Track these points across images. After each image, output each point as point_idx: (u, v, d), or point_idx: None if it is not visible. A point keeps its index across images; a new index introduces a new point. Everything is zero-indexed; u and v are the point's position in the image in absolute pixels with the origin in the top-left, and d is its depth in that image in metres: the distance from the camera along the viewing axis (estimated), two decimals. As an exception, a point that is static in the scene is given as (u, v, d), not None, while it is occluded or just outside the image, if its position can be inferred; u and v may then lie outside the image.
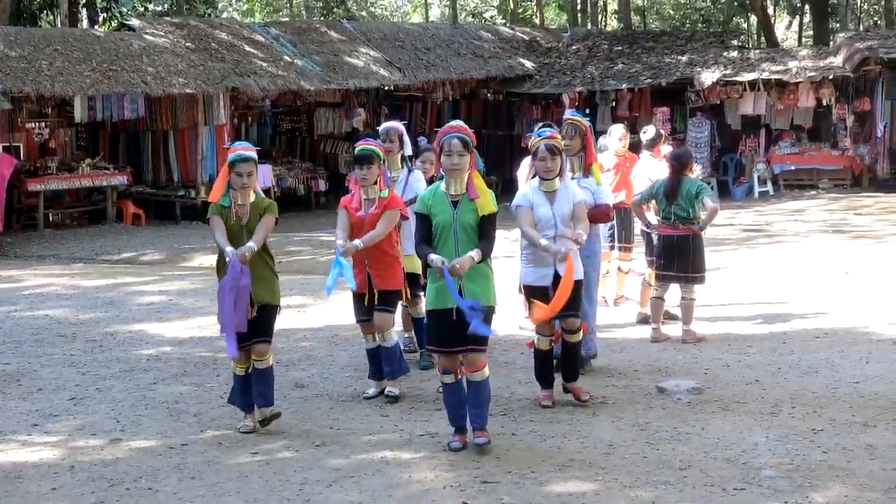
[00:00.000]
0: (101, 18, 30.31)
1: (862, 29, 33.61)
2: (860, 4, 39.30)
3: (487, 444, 6.10)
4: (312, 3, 37.50)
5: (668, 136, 13.21)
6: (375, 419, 6.88)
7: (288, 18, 35.07)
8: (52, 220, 19.79)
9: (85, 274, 14.34)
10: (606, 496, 5.35)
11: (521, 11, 38.52)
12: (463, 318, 5.95)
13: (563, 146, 6.93)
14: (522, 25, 32.54)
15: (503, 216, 6.42)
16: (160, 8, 33.85)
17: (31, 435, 6.66)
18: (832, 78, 22.71)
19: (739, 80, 23.16)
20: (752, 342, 8.94)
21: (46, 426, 6.86)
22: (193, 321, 10.36)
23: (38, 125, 20.31)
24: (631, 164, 10.22)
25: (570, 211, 6.81)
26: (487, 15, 42.99)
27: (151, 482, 5.72)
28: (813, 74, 22.79)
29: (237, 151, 6.58)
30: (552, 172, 6.77)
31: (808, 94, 22.88)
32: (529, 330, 7.08)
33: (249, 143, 6.98)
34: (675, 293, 9.22)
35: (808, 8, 34.56)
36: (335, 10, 37.23)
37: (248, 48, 22.14)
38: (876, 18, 38.96)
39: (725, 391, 7.36)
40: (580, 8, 34.65)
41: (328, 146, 24.38)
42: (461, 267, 5.94)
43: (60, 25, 25.87)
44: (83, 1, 29.68)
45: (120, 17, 28.65)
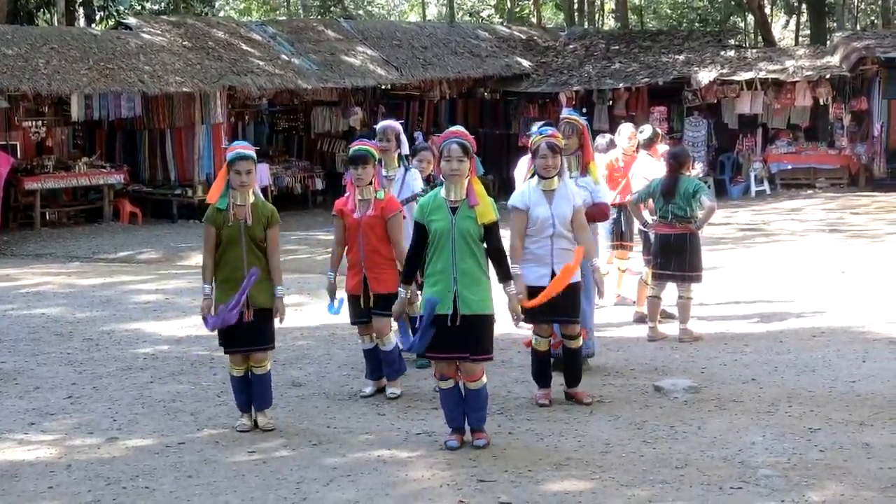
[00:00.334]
0: (97, 17, 30.31)
1: (859, 28, 33.67)
2: (857, 4, 39.32)
3: (486, 445, 6.10)
4: (309, 1, 37.47)
5: (665, 135, 13.24)
6: (372, 418, 6.88)
7: (285, 17, 35.03)
8: (48, 218, 19.77)
9: (81, 272, 14.33)
10: (603, 495, 5.36)
11: (518, 10, 38.51)
12: (456, 323, 6.00)
13: (563, 144, 6.92)
14: (519, 24, 32.53)
15: (502, 216, 6.41)
16: (157, 6, 33.81)
17: (27, 433, 6.65)
18: (829, 77, 22.73)
19: (736, 79, 23.17)
20: (748, 341, 8.94)
21: (43, 425, 6.85)
22: (190, 320, 10.34)
23: (34, 124, 20.28)
24: (627, 164, 10.26)
25: (569, 211, 6.79)
26: (484, 14, 42.98)
27: (148, 481, 5.71)
28: (810, 74, 22.80)
29: (236, 150, 6.56)
30: (552, 170, 6.76)
31: (804, 93, 22.90)
32: (527, 328, 7.07)
33: (247, 142, 6.97)
34: (672, 292, 9.22)
35: (805, 7, 34.57)
36: (332, 8, 37.21)
37: (245, 47, 22.12)
38: (873, 18, 39.00)
39: (722, 390, 7.36)
40: (577, 7, 34.63)
41: (325, 145, 24.37)
42: (515, 312, 6.20)
43: (57, 24, 25.85)
44: (80, -1, 29.69)
45: (117, 15, 28.62)
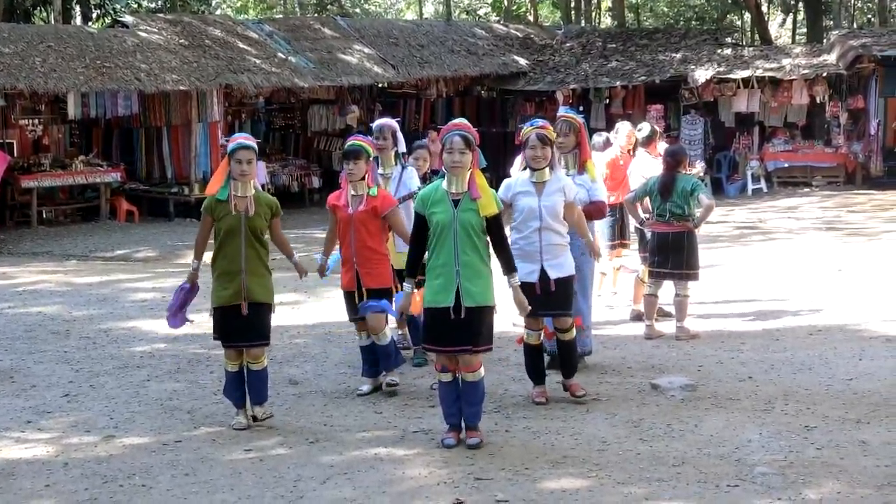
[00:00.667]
0: (94, 15, 30.24)
1: (855, 26, 33.70)
2: (854, 2, 39.33)
3: (480, 444, 6.10)
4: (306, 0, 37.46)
5: (662, 133, 13.25)
6: (369, 416, 6.88)
7: (282, 15, 35.00)
8: (45, 216, 19.74)
9: (78, 271, 14.32)
10: (600, 493, 5.36)
11: (514, 8, 38.52)
12: (459, 316, 6.00)
13: (555, 138, 6.90)
14: (516, 23, 32.55)
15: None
16: (154, 4, 33.77)
17: (24, 432, 6.65)
18: (826, 75, 22.75)
19: (733, 77, 23.19)
20: (745, 339, 8.95)
21: (40, 423, 6.84)
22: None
23: (31, 122, 20.25)
24: (625, 163, 10.26)
25: (559, 204, 6.77)
26: (481, 12, 42.99)
27: (145, 479, 5.71)
28: (807, 72, 22.82)
29: (238, 140, 6.59)
30: (542, 161, 6.75)
31: (801, 91, 22.91)
32: (522, 326, 7.08)
33: (247, 133, 6.99)
34: (668, 290, 9.23)
35: (801, 5, 34.59)
36: (329, 6, 37.19)
37: (241, 45, 22.10)
38: (869, 16, 39.04)
39: (719, 388, 7.37)
40: (574, 5, 34.64)
41: (322, 143, 24.37)
42: (522, 306, 6.20)
43: (54, 22, 25.83)
44: (76, -3, 29.63)
45: (113, 13, 28.56)
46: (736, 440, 6.18)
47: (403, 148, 8.40)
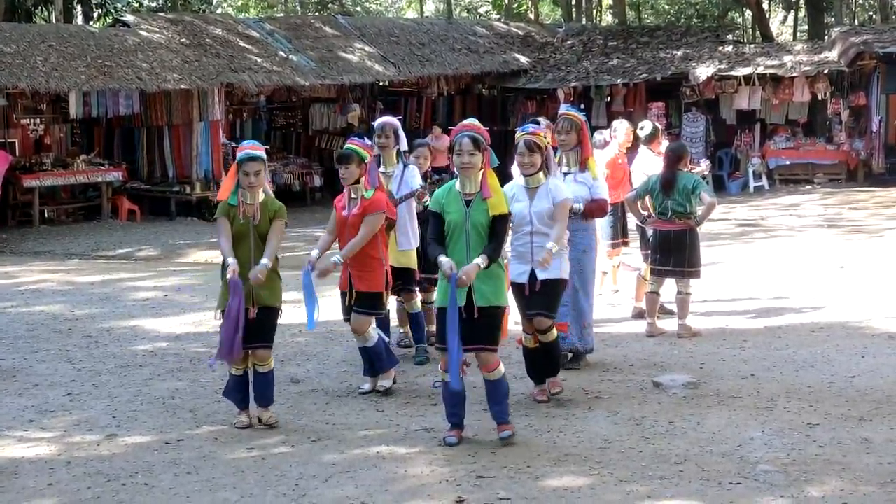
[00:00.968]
0: (95, 14, 30.26)
1: (857, 23, 33.66)
2: (855, -1, 39.34)
3: (512, 436, 6.10)
4: (307, -2, 37.46)
5: (664, 130, 13.24)
6: (371, 414, 6.88)
7: (282, 14, 35.01)
8: (47, 216, 19.76)
9: (80, 270, 14.33)
10: (602, 491, 5.36)
11: (515, 7, 38.51)
12: (469, 315, 6.01)
13: (545, 143, 6.81)
14: (517, 21, 32.54)
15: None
16: (155, 4, 33.78)
17: (27, 430, 6.65)
18: (827, 72, 22.75)
19: (734, 74, 23.18)
20: (747, 337, 8.94)
21: (42, 422, 6.84)
22: (189, 317, 10.36)
23: (33, 121, 20.28)
24: (623, 161, 10.27)
25: (549, 208, 6.74)
26: (482, 10, 42.97)
27: (147, 477, 5.71)
28: (808, 69, 22.81)
29: (245, 150, 6.55)
30: (529, 168, 6.73)
31: (803, 88, 22.90)
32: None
33: (256, 141, 6.90)
34: (670, 288, 9.22)
35: (802, 2, 34.56)
36: (330, 5, 37.19)
37: (242, 44, 22.11)
38: (871, 13, 39.01)
39: (721, 386, 7.36)
40: (575, 3, 34.63)
41: (323, 142, 24.38)
42: (468, 278, 5.95)
43: (55, 21, 25.83)
44: (77, -3, 29.65)
45: (114, 12, 28.57)
46: (738, 438, 6.17)
47: (405, 146, 8.40)
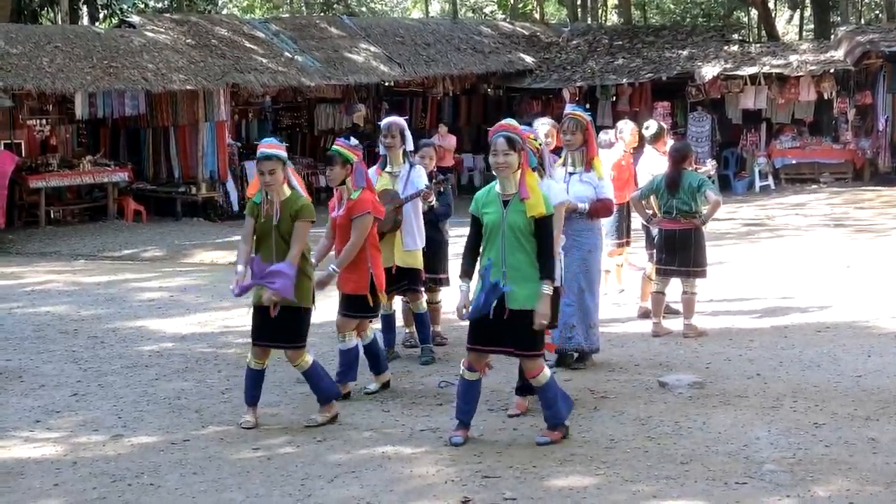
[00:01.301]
0: (101, 15, 30.30)
1: (863, 22, 33.59)
2: (861, -2, 39.25)
3: (549, 443, 6.07)
4: (312, -1, 37.48)
5: (669, 130, 13.24)
6: (376, 414, 6.88)
7: (288, 15, 35.02)
8: (53, 216, 19.78)
9: (86, 270, 14.35)
10: (608, 490, 5.35)
11: (520, 6, 38.49)
12: (500, 318, 5.98)
13: (536, 146, 6.76)
14: (522, 20, 32.54)
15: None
16: (160, 4, 33.82)
17: (33, 431, 6.66)
18: (833, 72, 22.71)
19: (740, 74, 23.16)
20: (753, 336, 8.93)
21: (48, 422, 6.85)
22: (194, 317, 10.37)
23: (39, 122, 20.30)
24: (627, 163, 10.28)
25: None
26: (487, 10, 42.96)
27: (153, 478, 5.72)
28: (814, 68, 22.77)
29: (261, 149, 6.55)
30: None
31: (808, 87, 22.87)
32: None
33: (275, 139, 6.82)
34: (676, 287, 9.21)
35: (808, 2, 34.52)
36: (335, 6, 37.20)
37: (248, 44, 22.12)
38: (877, 12, 38.91)
39: (727, 385, 7.35)
40: (580, 3, 34.59)
41: (328, 142, 24.31)
42: (545, 320, 5.98)
43: (61, 22, 25.84)
44: (83, -2, 29.69)
45: (120, 13, 28.59)
46: (744, 438, 6.16)
47: (412, 146, 8.39)
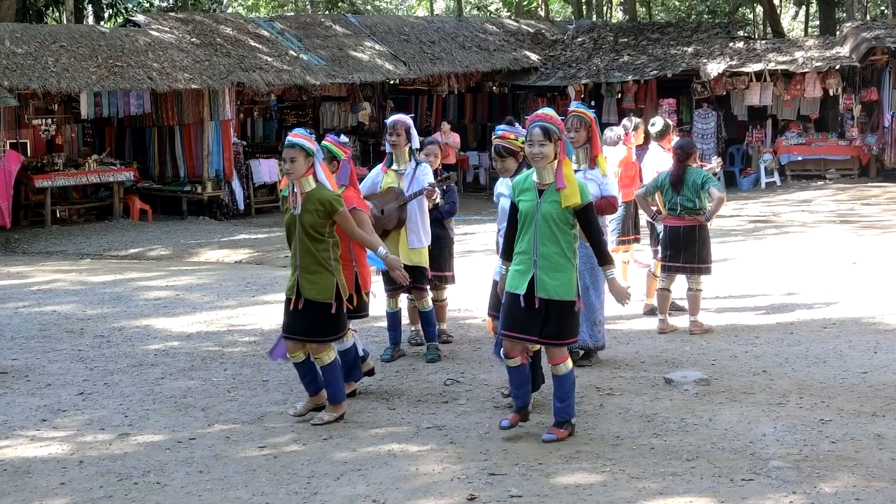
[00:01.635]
0: (106, 14, 30.36)
1: (868, 18, 33.53)
2: (866, -6, 39.17)
3: (555, 440, 6.09)
4: (317, -3, 37.48)
5: (675, 127, 13.24)
6: (382, 412, 6.88)
7: (293, 13, 35.04)
8: (59, 216, 19.83)
9: (92, 270, 14.37)
10: (614, 487, 5.35)
11: (525, 4, 38.47)
12: (532, 305, 6.01)
13: (518, 145, 6.73)
14: (527, 18, 32.50)
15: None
16: (165, 3, 33.86)
17: (39, 430, 6.67)
18: (839, 68, 22.66)
19: (745, 70, 23.12)
20: (759, 333, 8.92)
21: (55, 421, 6.86)
22: (200, 316, 10.38)
23: (44, 122, 20.35)
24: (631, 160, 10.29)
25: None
26: (492, 8, 42.96)
27: (159, 476, 5.72)
28: (819, 64, 22.73)
29: (287, 137, 6.59)
30: (505, 173, 6.73)
31: (814, 84, 22.83)
32: None
33: (304, 130, 6.76)
34: (681, 284, 9.20)
35: (814, -2, 34.47)
36: (340, 4, 37.22)
37: (252, 43, 22.14)
38: (883, 7, 38.86)
39: (733, 382, 7.34)
40: (585, 0, 34.58)
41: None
42: (624, 297, 6.14)
43: (66, 22, 25.90)
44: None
45: (125, 13, 28.67)
46: (750, 434, 6.16)
47: (417, 144, 8.39)
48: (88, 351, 8.92)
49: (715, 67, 23.11)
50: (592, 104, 22.01)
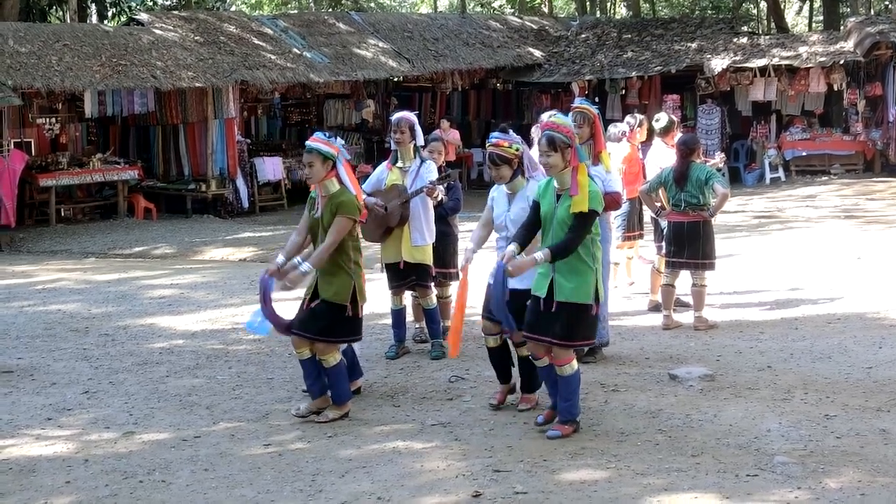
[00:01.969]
0: (110, 13, 30.38)
1: (872, 13, 33.45)
2: (870, -11, 39.08)
3: (559, 436, 6.10)
4: (320, -5, 37.47)
5: (679, 122, 13.24)
6: (387, 410, 6.89)
7: (296, 11, 35.03)
8: (63, 215, 19.84)
9: (97, 268, 14.39)
10: (619, 484, 5.35)
11: (529, 1, 38.43)
12: (549, 309, 6.09)
13: (511, 152, 6.67)
14: (531, 14, 32.49)
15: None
16: (169, 2, 33.86)
17: (44, 429, 6.68)
18: (843, 63, 22.62)
19: (749, 66, 23.09)
20: (763, 328, 8.92)
21: (60, 420, 6.87)
22: (205, 314, 10.39)
23: (48, 121, 20.33)
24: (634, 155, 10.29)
25: (524, 213, 6.58)
26: (496, 4, 42.90)
27: (164, 474, 5.73)
28: (823, 60, 22.69)
29: (306, 142, 6.62)
30: (500, 180, 6.72)
31: (818, 79, 22.80)
32: None
33: (323, 134, 6.72)
34: (686, 280, 9.20)
35: (818, -7, 34.41)
36: (343, 1, 37.19)
37: (256, 41, 22.14)
38: (887, 2, 38.75)
39: (737, 378, 7.34)
40: (589, -4, 34.56)
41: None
42: (515, 270, 6.07)
43: (69, 21, 25.93)
44: (92, -4, 29.75)
45: (129, 11, 28.68)
46: (755, 430, 6.15)
47: (422, 141, 8.39)
48: (93, 350, 8.93)
49: (719, 63, 23.07)
50: (596, 100, 22.01)
